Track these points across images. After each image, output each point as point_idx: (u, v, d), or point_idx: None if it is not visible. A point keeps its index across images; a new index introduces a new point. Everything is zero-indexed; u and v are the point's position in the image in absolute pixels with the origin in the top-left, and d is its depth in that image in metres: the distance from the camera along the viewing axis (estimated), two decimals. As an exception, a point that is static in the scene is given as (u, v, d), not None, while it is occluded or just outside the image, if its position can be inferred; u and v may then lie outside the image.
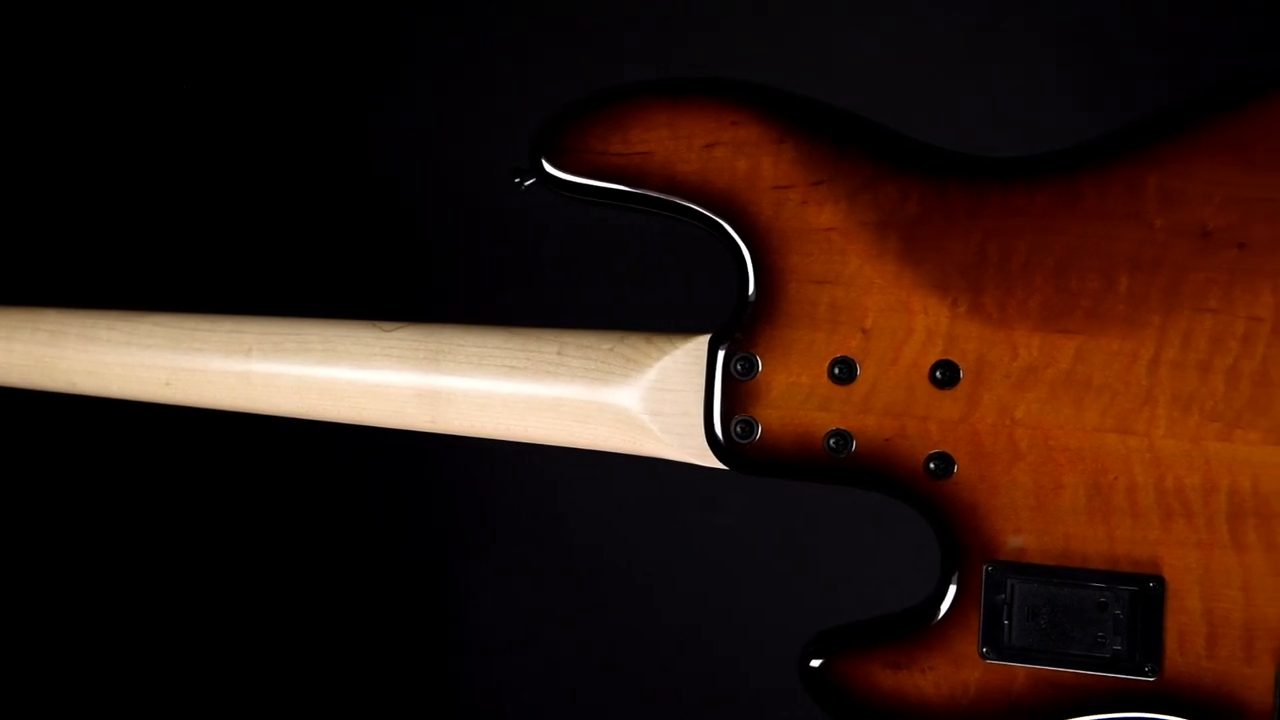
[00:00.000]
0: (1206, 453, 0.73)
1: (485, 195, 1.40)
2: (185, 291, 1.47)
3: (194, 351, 0.91)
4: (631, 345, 0.84)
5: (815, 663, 0.79)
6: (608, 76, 0.83)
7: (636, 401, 0.82)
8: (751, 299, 0.79)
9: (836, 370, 0.78)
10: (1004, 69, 1.32)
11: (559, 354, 0.85)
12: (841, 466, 0.78)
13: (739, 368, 0.79)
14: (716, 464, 0.82)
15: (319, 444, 1.29)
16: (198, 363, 0.91)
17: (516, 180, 0.83)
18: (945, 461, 0.76)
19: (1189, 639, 0.73)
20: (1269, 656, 0.72)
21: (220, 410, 0.94)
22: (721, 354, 0.80)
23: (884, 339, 0.77)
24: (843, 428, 0.78)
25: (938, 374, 0.76)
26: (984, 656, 0.76)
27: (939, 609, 0.77)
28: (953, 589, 0.77)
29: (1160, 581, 0.74)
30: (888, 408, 0.77)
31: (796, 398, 0.78)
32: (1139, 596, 0.74)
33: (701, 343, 0.81)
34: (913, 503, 0.78)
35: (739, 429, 0.79)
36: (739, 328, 0.79)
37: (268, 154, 1.50)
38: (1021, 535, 0.75)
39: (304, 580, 1.54)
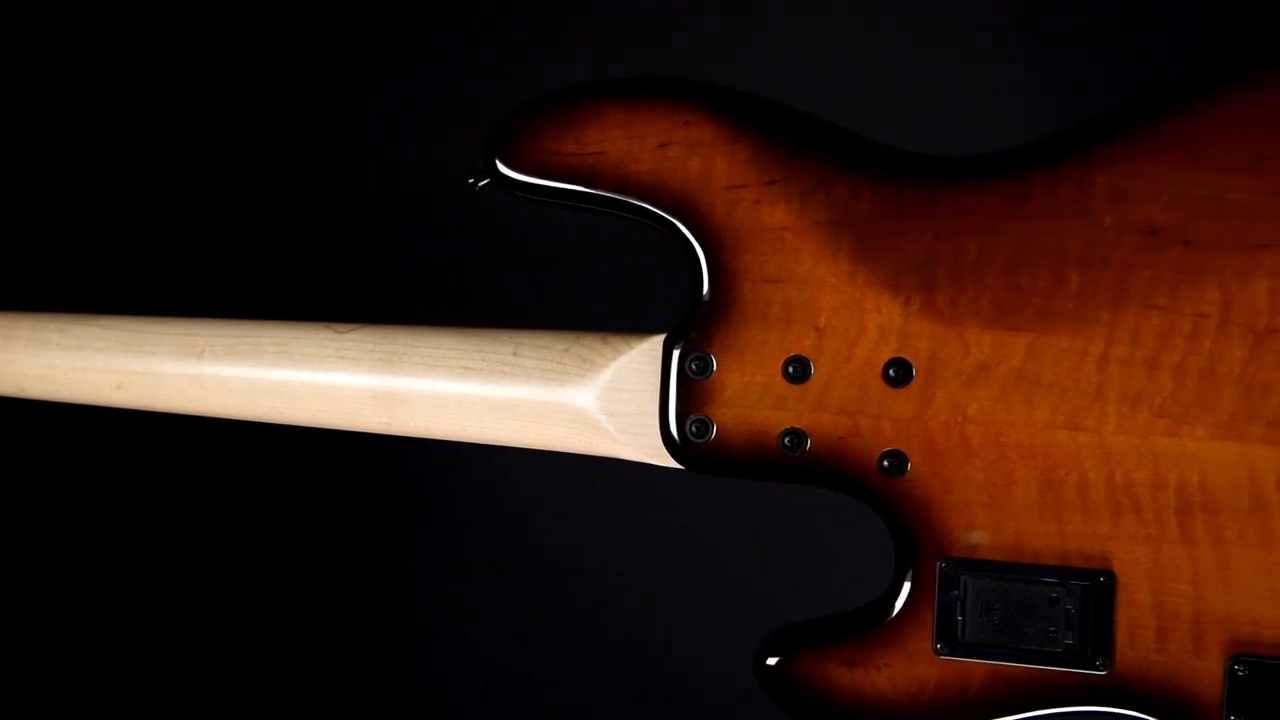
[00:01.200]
0: (1155, 448, 0.74)
1: (439, 196, 1.39)
2: (137, 294, 1.45)
3: (146, 354, 0.90)
4: (587, 345, 0.84)
5: (771, 661, 0.79)
6: (563, 77, 0.83)
7: (592, 402, 0.82)
8: (706, 298, 0.79)
9: (791, 369, 0.78)
10: (958, 68, 1.32)
11: (514, 355, 0.84)
12: (796, 465, 0.78)
13: (694, 367, 0.79)
14: (673, 464, 0.82)
15: (281, 444, 1.28)
16: (150, 366, 0.90)
17: (471, 181, 0.83)
18: (899, 459, 0.77)
19: (1139, 633, 0.74)
20: (1218, 649, 0.73)
21: (174, 414, 0.93)
22: (676, 354, 0.80)
23: (837, 338, 0.78)
24: (797, 426, 0.78)
25: (891, 372, 0.77)
26: (938, 653, 0.76)
27: (893, 606, 0.77)
28: (907, 586, 0.77)
29: (1111, 576, 0.74)
30: (841, 406, 0.78)
31: (751, 397, 0.79)
32: (1090, 591, 0.74)
33: (656, 343, 0.81)
34: (867, 500, 0.78)
35: (694, 428, 0.80)
36: (694, 327, 0.79)
37: (219, 154, 1.49)
38: (979, 531, 0.76)
39: (269, 582, 1.53)
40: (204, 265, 1.49)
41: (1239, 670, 0.72)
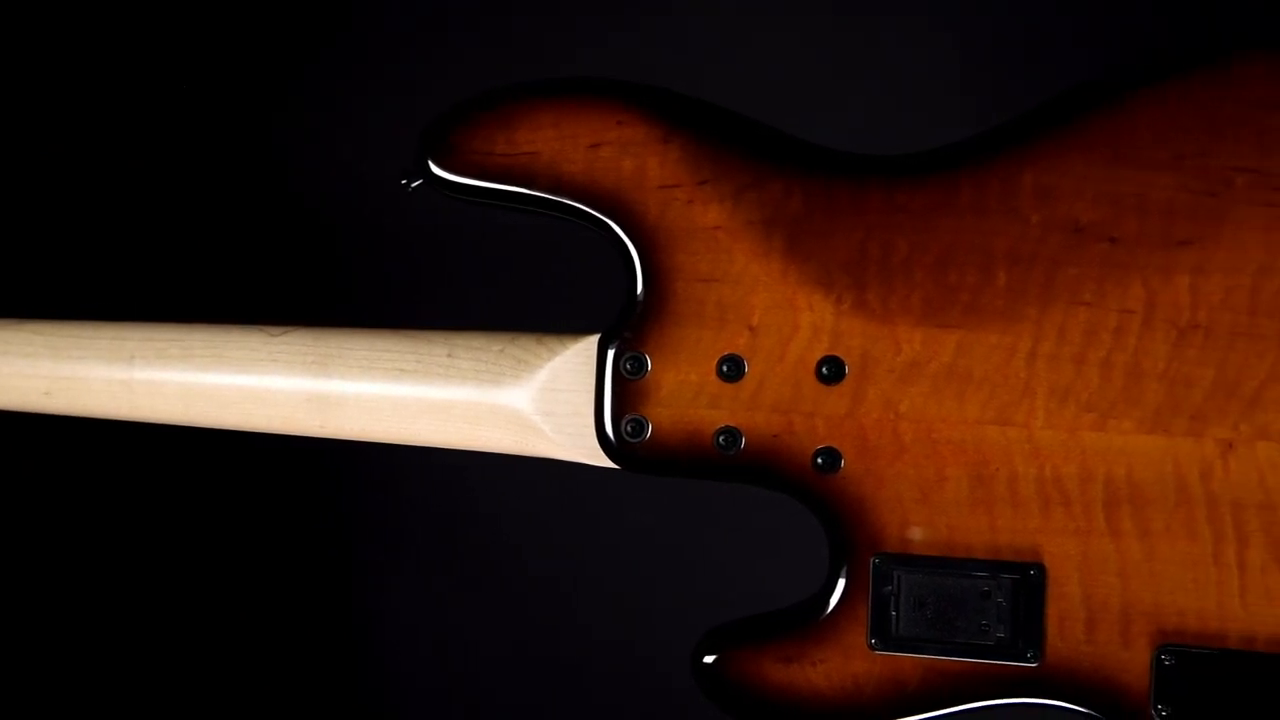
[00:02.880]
0: (1082, 443, 0.75)
1: (373, 197, 1.38)
2: (66, 298, 1.43)
3: (74, 359, 0.89)
4: (522, 346, 0.83)
5: (707, 660, 0.79)
6: (497, 77, 0.83)
7: (528, 402, 0.82)
8: (640, 298, 0.79)
9: (724, 368, 0.78)
10: (893, 68, 1.34)
11: (449, 356, 0.84)
12: (731, 463, 0.79)
13: (628, 367, 0.79)
14: (609, 464, 0.82)
15: (226, 447, 1.27)
16: (78, 371, 0.89)
17: (404, 181, 0.83)
18: (832, 456, 0.77)
19: (1069, 624, 0.75)
20: (1145, 639, 0.74)
21: (104, 419, 0.92)
22: (611, 353, 0.80)
23: (771, 336, 0.78)
24: (731, 425, 0.78)
25: (824, 370, 0.77)
26: (872, 648, 0.77)
27: (828, 602, 0.78)
28: (841, 582, 0.78)
29: (1041, 569, 0.75)
30: (775, 404, 0.78)
31: (685, 396, 0.79)
32: (1020, 584, 0.75)
33: (591, 342, 0.81)
34: (801, 498, 0.79)
35: (629, 428, 0.80)
36: (628, 327, 0.80)
37: (150, 157, 1.47)
38: (916, 528, 0.76)
39: (218, 587, 1.52)
40: (134, 269, 1.47)
41: (1165, 660, 0.74)
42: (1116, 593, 0.75)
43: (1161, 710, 0.74)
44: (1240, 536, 0.73)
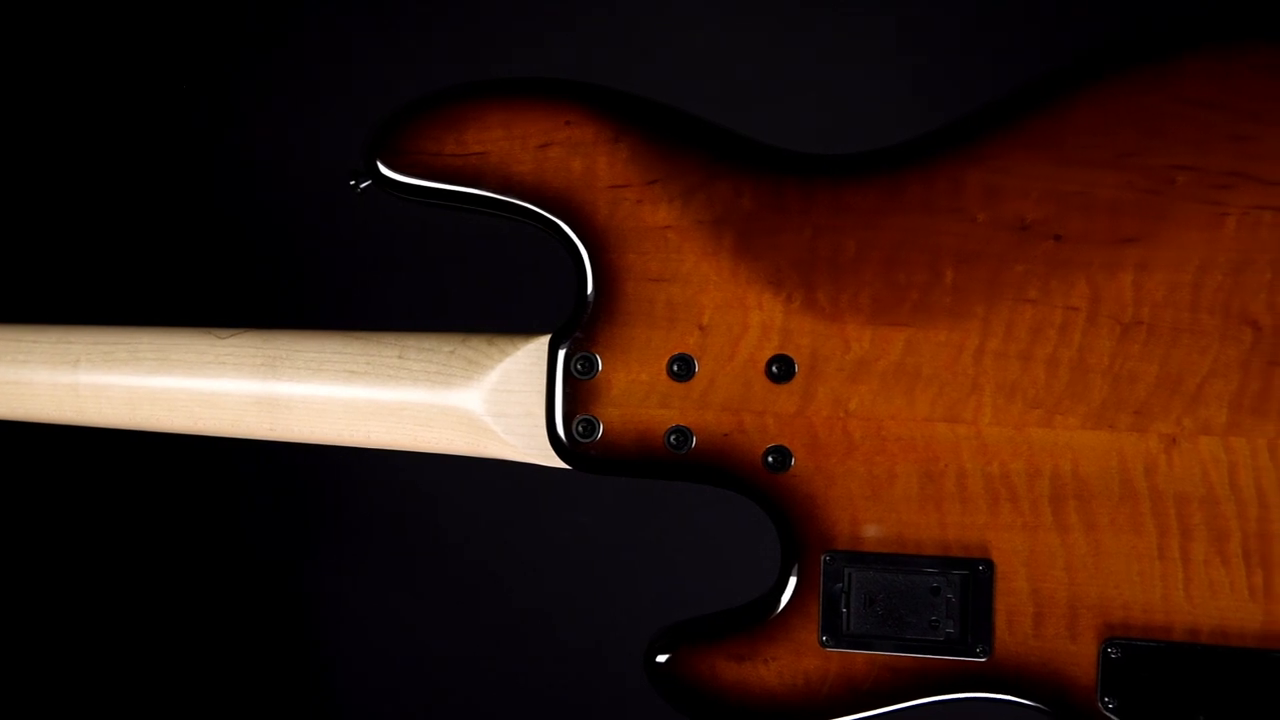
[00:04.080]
0: (1029, 439, 0.75)
1: (322, 198, 1.38)
2: (9, 302, 1.41)
3: (18, 364, 0.87)
4: (473, 347, 0.83)
5: (660, 659, 0.79)
6: (445, 78, 0.83)
7: (479, 404, 0.82)
8: (590, 298, 0.79)
9: (675, 367, 0.78)
10: (843, 68, 1.34)
11: (400, 358, 0.84)
12: (682, 462, 0.79)
13: (579, 367, 0.79)
14: (560, 464, 0.82)
15: (175, 447, 1.26)
16: (22, 375, 0.87)
17: (353, 183, 0.82)
18: (783, 455, 0.78)
19: (1017, 619, 0.76)
20: (1092, 633, 0.75)
21: (49, 424, 0.90)
22: (562, 354, 0.80)
23: (721, 335, 0.78)
24: (682, 424, 0.79)
25: (773, 369, 0.78)
26: (824, 645, 0.77)
27: (780, 600, 0.78)
28: (793, 580, 0.78)
29: (989, 565, 0.76)
30: (726, 403, 0.78)
31: (636, 395, 0.79)
32: (969, 580, 0.76)
33: (542, 343, 0.81)
34: (753, 496, 0.79)
35: (580, 428, 0.80)
36: (579, 327, 0.79)
37: (95, 159, 1.45)
38: (873, 525, 0.77)
39: (163, 586, 1.50)
40: (80, 272, 1.45)
41: (1112, 653, 0.74)
42: (1063, 587, 0.75)
43: (1108, 702, 0.74)
44: (1184, 530, 0.74)
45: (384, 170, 0.80)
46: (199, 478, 1.47)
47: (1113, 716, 0.74)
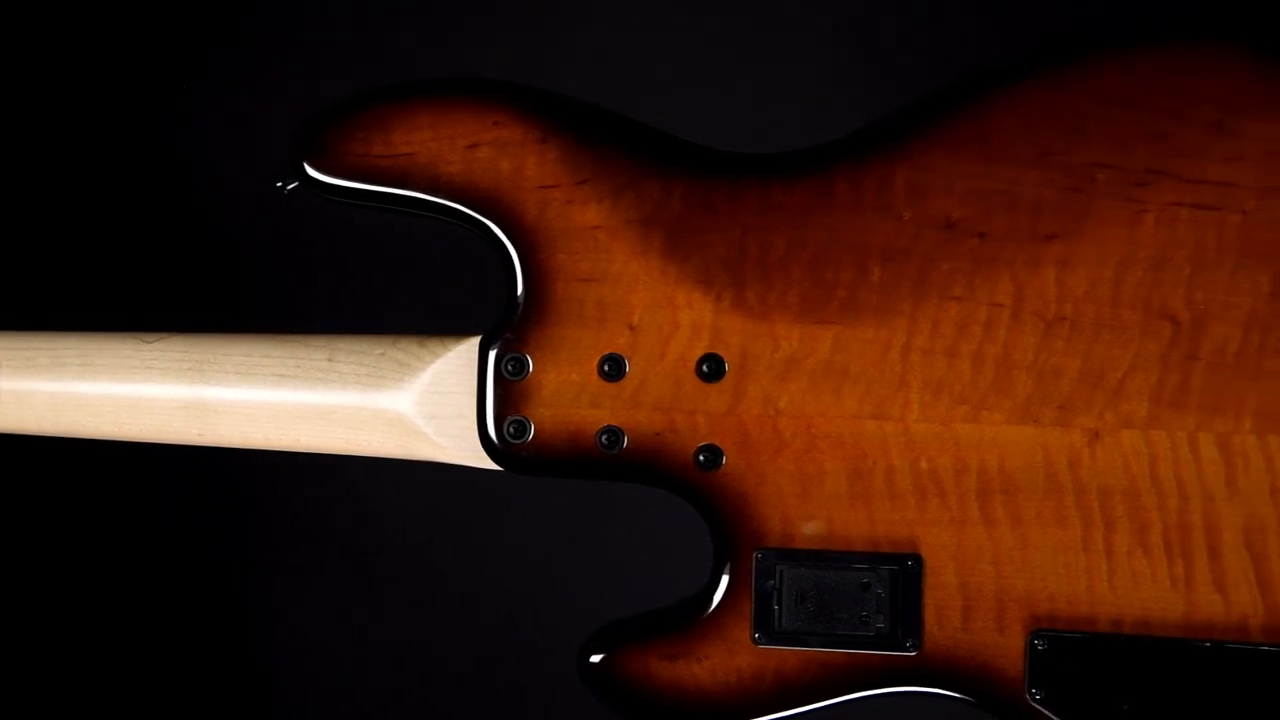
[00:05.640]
0: (956, 434, 0.76)
1: (249, 199, 1.36)
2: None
3: (-63, 370, 0.86)
4: (404, 349, 0.83)
5: (595, 659, 0.79)
6: (372, 79, 0.82)
7: (411, 406, 0.82)
8: (520, 299, 0.79)
9: (606, 367, 0.78)
10: (774, 66, 1.35)
11: (329, 361, 0.83)
12: (614, 462, 0.79)
13: (510, 368, 0.79)
14: (493, 466, 0.81)
15: (109, 454, 1.24)
16: (-59, 382, 0.86)
17: (279, 184, 0.81)
18: (714, 453, 0.78)
19: (946, 613, 0.77)
20: (1019, 625, 0.76)
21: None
22: (492, 355, 0.79)
23: (651, 335, 0.78)
24: (614, 424, 0.79)
25: (704, 368, 0.78)
26: (756, 642, 0.78)
27: (712, 598, 0.79)
28: (725, 578, 0.78)
29: (918, 560, 0.77)
30: (657, 403, 0.78)
31: (567, 396, 0.79)
32: (899, 575, 0.77)
33: (473, 344, 0.81)
34: (685, 495, 0.79)
35: (512, 429, 0.79)
36: (509, 328, 0.79)
37: (16, 160, 1.43)
38: (811, 522, 0.77)
39: (108, 593, 1.48)
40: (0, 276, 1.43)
41: (1039, 645, 0.75)
42: (991, 580, 0.76)
43: (1035, 694, 0.75)
44: (1107, 522, 0.75)
45: (310, 171, 0.79)
46: (139, 481, 1.45)
47: (1040, 708, 0.75)
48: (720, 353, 0.78)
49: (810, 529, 0.77)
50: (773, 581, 0.77)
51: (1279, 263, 0.74)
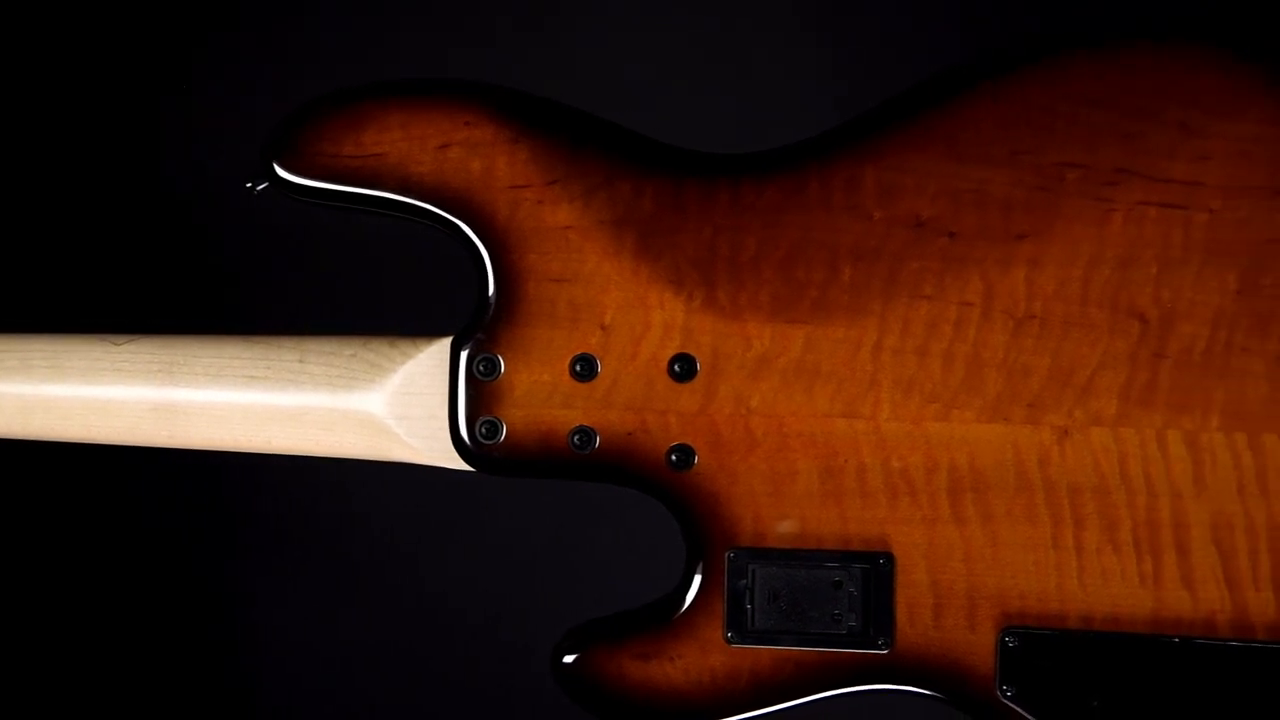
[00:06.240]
0: (927, 433, 0.77)
1: (219, 200, 1.36)
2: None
3: (-97, 373, 0.85)
4: (375, 350, 0.82)
5: (568, 659, 0.79)
6: (344, 78, 0.82)
7: (382, 407, 0.81)
8: (492, 299, 0.79)
9: (578, 367, 0.78)
10: (744, 69, 1.35)
11: (300, 362, 0.83)
12: (586, 463, 0.79)
13: (481, 369, 0.79)
14: (465, 466, 0.81)
15: (85, 456, 1.23)
16: (-93, 385, 0.85)
17: (249, 185, 0.81)
18: (686, 453, 0.78)
19: (917, 611, 0.77)
20: (990, 623, 0.76)
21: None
22: (464, 355, 0.79)
23: (623, 335, 0.78)
24: (586, 424, 0.79)
25: (676, 367, 0.78)
26: (729, 641, 0.78)
27: (685, 598, 0.79)
28: (697, 578, 0.78)
29: (890, 558, 0.77)
30: (629, 403, 0.78)
31: (539, 396, 0.79)
32: (870, 573, 0.77)
33: (445, 345, 0.81)
34: (657, 495, 0.79)
35: (484, 430, 0.79)
36: (481, 329, 0.79)
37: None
38: (786, 521, 0.77)
39: (92, 594, 1.47)
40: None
41: (1009, 642, 0.76)
42: (962, 578, 0.76)
43: (1006, 690, 0.76)
44: (1077, 520, 0.76)
45: (281, 172, 0.79)
46: (120, 482, 1.44)
47: (1011, 704, 0.76)
48: (692, 352, 0.78)
49: (782, 528, 0.78)
50: (745, 581, 0.78)
51: (1245, 261, 0.74)
